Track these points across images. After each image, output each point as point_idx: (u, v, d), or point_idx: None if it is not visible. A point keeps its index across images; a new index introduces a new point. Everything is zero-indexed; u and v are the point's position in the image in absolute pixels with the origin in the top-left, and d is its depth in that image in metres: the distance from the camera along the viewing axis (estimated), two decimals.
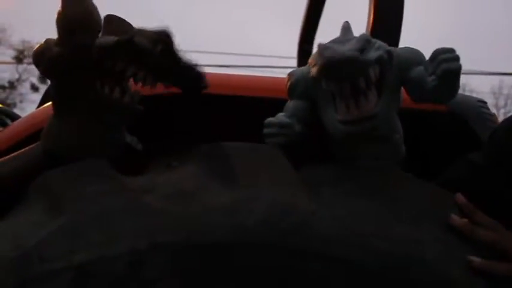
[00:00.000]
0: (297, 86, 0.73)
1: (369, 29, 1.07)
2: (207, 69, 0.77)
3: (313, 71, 0.66)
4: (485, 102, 0.99)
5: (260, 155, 0.64)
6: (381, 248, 0.57)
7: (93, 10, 0.70)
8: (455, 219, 0.62)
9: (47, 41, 0.72)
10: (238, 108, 0.87)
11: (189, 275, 0.54)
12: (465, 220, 0.62)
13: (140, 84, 0.72)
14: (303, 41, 1.76)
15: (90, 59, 0.69)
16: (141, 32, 0.71)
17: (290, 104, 0.74)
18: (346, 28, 0.69)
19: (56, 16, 0.70)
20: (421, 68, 0.68)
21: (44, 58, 0.70)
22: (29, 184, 0.65)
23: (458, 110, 0.93)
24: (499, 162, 0.69)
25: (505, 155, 0.69)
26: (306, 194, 0.60)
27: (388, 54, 0.68)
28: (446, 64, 0.65)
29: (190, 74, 0.75)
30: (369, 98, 0.66)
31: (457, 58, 0.66)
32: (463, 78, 0.69)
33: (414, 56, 0.70)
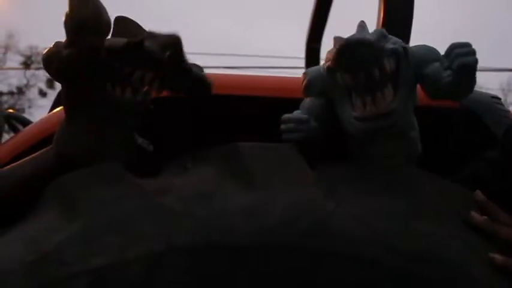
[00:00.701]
0: (314, 83, 0.73)
1: (379, 27, 1.07)
2: (210, 71, 0.77)
3: (329, 62, 0.66)
4: (499, 98, 0.98)
5: (276, 154, 0.64)
6: (401, 247, 0.57)
7: (102, 10, 0.69)
8: (475, 216, 0.62)
9: (57, 43, 0.71)
10: (246, 108, 0.87)
11: (208, 278, 0.54)
12: (484, 217, 0.62)
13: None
14: (310, 40, 1.75)
15: (100, 60, 0.69)
16: (151, 35, 0.71)
17: (306, 102, 0.73)
18: (362, 26, 0.69)
19: (63, 18, 0.69)
20: (436, 64, 0.68)
21: (54, 61, 0.70)
22: (42, 189, 0.65)
23: (472, 107, 0.92)
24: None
25: None
26: (323, 193, 0.60)
27: (404, 49, 0.67)
28: (462, 58, 0.64)
29: (196, 80, 0.75)
30: (385, 94, 0.65)
31: (473, 52, 0.65)
32: None
33: (429, 52, 0.69)
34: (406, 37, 1.04)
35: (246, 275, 0.54)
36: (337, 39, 0.65)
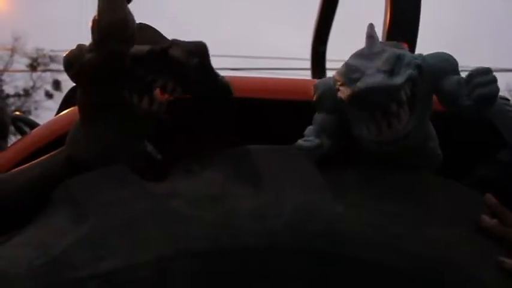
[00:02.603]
0: (324, 99, 0.70)
1: (386, 29, 1.06)
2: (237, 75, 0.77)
3: (341, 94, 0.64)
4: (508, 100, 0.97)
5: (285, 157, 0.64)
6: (411, 250, 0.56)
7: (130, 17, 0.68)
8: (485, 220, 0.61)
9: (80, 46, 0.71)
10: (255, 110, 0.87)
11: (217, 280, 0.54)
12: (495, 221, 0.61)
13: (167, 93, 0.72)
14: (316, 42, 1.75)
15: (123, 67, 0.68)
16: (177, 43, 0.71)
17: (318, 118, 0.71)
18: (371, 35, 0.65)
19: (91, 22, 0.69)
20: (454, 78, 0.66)
21: (75, 63, 0.70)
22: (50, 192, 0.65)
23: None
24: None
25: None
26: (332, 196, 0.60)
27: (418, 69, 0.64)
28: (483, 89, 0.62)
29: (220, 85, 0.75)
30: (401, 118, 0.63)
31: (494, 80, 0.63)
32: None
33: (446, 64, 0.67)
34: (412, 37, 1.03)
35: (255, 277, 0.54)
36: (348, 66, 0.63)
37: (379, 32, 1.08)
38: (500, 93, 0.97)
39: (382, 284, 0.55)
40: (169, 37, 0.74)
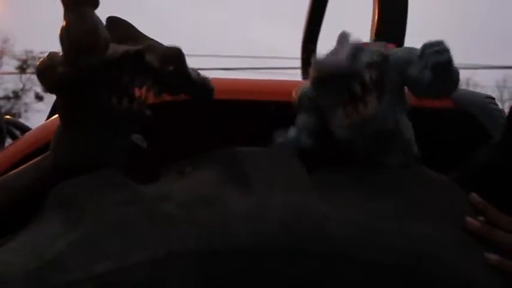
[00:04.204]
0: (303, 99, 0.75)
1: (374, 28, 1.08)
2: (209, 73, 0.77)
3: (309, 82, 0.69)
4: (493, 98, 0.99)
5: (275, 159, 0.65)
6: (398, 247, 0.57)
7: (99, 27, 0.64)
8: (471, 222, 0.62)
9: (51, 56, 0.68)
10: (244, 112, 0.88)
11: (210, 282, 0.55)
12: (480, 223, 0.62)
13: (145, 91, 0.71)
14: (306, 41, 1.76)
15: (97, 76, 0.67)
16: (152, 47, 0.70)
17: (299, 118, 0.75)
18: (343, 37, 0.70)
19: (59, 32, 0.64)
20: (418, 65, 0.68)
21: (48, 75, 0.68)
22: (41, 197, 0.65)
23: (466, 107, 0.93)
24: None
25: None
26: (321, 197, 0.61)
27: (382, 56, 0.68)
28: (435, 57, 0.64)
29: (198, 85, 0.75)
30: (367, 102, 0.66)
31: (445, 50, 0.65)
32: (467, 73, 0.69)
33: (411, 54, 0.70)
34: (400, 35, 1.05)
35: (248, 278, 0.55)
36: (314, 62, 0.67)
37: (368, 31, 1.10)
38: (489, 89, 0.99)
39: (370, 281, 0.56)
40: (165, 36, 0.74)
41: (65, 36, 0.64)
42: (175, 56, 0.70)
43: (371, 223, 0.59)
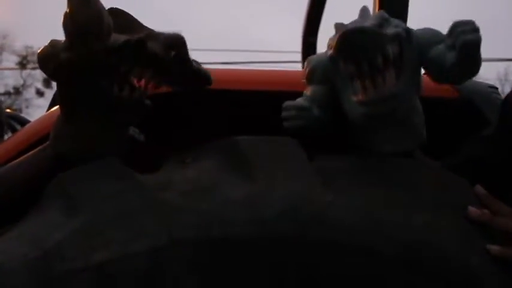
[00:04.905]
0: (316, 70, 0.72)
1: None
2: (210, 67, 0.77)
3: (331, 50, 0.65)
4: (496, 88, 0.99)
5: (275, 147, 0.64)
6: (399, 236, 0.57)
7: (103, 13, 0.66)
8: (473, 211, 0.61)
9: (53, 43, 0.69)
10: (246, 102, 0.87)
11: (210, 270, 0.54)
12: (482, 211, 0.61)
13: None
14: (307, 34, 1.75)
15: (100, 62, 0.67)
16: (154, 35, 0.70)
17: (309, 89, 0.73)
18: (364, 10, 0.68)
19: (62, 18, 0.65)
20: (441, 46, 0.67)
21: (51, 62, 0.68)
22: (41, 187, 0.65)
23: (470, 97, 0.92)
24: (510, 128, 0.68)
25: None
26: (322, 184, 0.60)
27: (406, 32, 0.66)
28: (465, 36, 0.62)
29: (195, 73, 0.74)
30: (387, 78, 0.64)
31: (476, 29, 0.63)
32: None
33: (433, 35, 0.68)
34: None
35: (247, 266, 0.55)
36: (338, 26, 0.65)
37: None
38: (491, 82, 0.99)
39: (370, 269, 0.56)
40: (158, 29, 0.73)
41: (69, 21, 0.64)
42: (178, 41, 0.70)
43: (373, 212, 0.58)
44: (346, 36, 0.62)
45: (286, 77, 0.89)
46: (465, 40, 0.62)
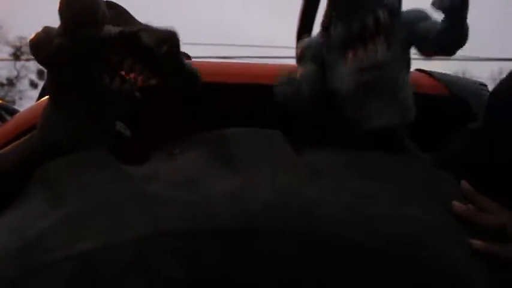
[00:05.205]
0: (308, 50, 0.74)
1: None
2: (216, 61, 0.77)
3: (323, 17, 0.69)
4: (486, 85, 0.99)
5: (263, 140, 0.64)
6: (387, 230, 0.57)
7: (99, 2, 0.66)
8: (457, 205, 0.62)
9: (46, 30, 0.68)
10: (235, 95, 0.87)
11: (195, 262, 0.54)
12: (466, 207, 0.62)
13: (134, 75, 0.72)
14: (301, 30, 1.75)
15: (94, 51, 0.67)
16: (147, 28, 0.70)
17: (301, 68, 0.74)
18: None
19: (59, 4, 0.65)
20: (428, 21, 0.69)
21: (44, 48, 0.68)
22: (27, 176, 0.64)
23: (460, 94, 0.93)
24: (496, 122, 0.68)
25: (501, 114, 0.68)
26: (309, 178, 0.60)
27: (398, 3, 0.68)
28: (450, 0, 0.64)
29: (186, 74, 0.74)
30: (378, 46, 0.66)
31: None
32: (462, 65, 0.69)
33: (420, 13, 0.70)
34: None
35: (232, 258, 0.55)
36: None
37: None
38: (485, 81, 0.99)
39: (359, 263, 0.56)
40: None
41: (65, 7, 0.65)
42: (171, 37, 0.70)
43: (360, 206, 0.58)
44: (334, 5, 0.65)
45: (275, 70, 0.88)
46: (448, 2, 0.64)
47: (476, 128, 0.72)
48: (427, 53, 0.71)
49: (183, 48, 0.73)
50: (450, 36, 0.67)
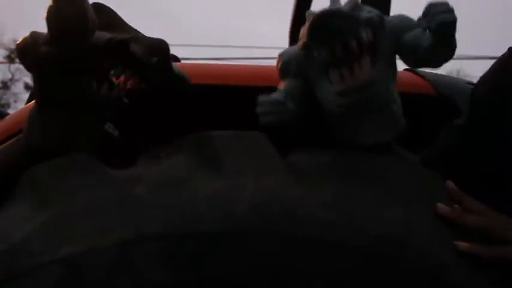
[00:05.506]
0: (289, 64, 0.71)
1: None
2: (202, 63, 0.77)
3: (304, 38, 0.65)
4: (474, 84, 0.99)
5: (246, 142, 0.64)
6: (369, 230, 0.57)
7: (88, 9, 0.65)
8: (442, 207, 0.62)
9: (34, 35, 0.68)
10: (221, 97, 0.87)
11: (179, 265, 0.54)
12: (450, 208, 0.62)
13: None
14: (294, 29, 1.75)
15: (81, 59, 0.67)
16: (138, 38, 0.70)
17: (283, 84, 0.71)
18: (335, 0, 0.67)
19: (46, 12, 0.64)
20: (415, 31, 0.66)
21: (31, 54, 0.67)
22: (13, 180, 0.64)
23: (447, 93, 0.93)
24: (479, 118, 0.68)
25: (484, 109, 0.68)
26: (293, 179, 0.60)
27: (379, 18, 0.66)
28: (440, 16, 0.62)
29: (174, 80, 0.74)
30: (363, 65, 0.63)
31: (451, 10, 0.63)
32: (457, 63, 0.69)
33: (406, 21, 0.68)
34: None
35: (217, 260, 0.55)
36: (309, 13, 0.64)
37: None
38: (475, 80, 1.00)
39: (342, 263, 0.56)
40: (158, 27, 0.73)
41: (53, 16, 0.64)
42: (161, 48, 0.70)
43: (343, 206, 0.59)
44: (318, 19, 0.62)
45: (262, 72, 0.89)
46: (441, 19, 0.62)
47: (460, 124, 0.72)
48: (413, 64, 0.70)
49: (175, 50, 0.73)
50: (440, 52, 0.66)
